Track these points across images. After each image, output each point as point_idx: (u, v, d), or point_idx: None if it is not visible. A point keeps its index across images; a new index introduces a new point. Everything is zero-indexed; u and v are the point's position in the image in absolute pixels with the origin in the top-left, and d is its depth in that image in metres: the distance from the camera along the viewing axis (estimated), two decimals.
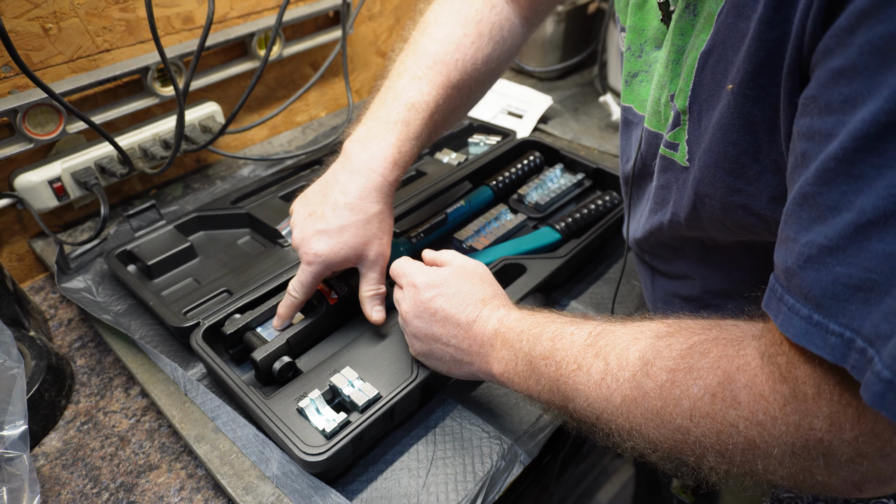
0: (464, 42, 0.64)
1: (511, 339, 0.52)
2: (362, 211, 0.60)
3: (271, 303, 0.69)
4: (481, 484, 0.58)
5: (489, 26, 0.65)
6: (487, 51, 0.65)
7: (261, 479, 0.58)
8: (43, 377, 0.67)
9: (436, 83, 0.63)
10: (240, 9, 0.98)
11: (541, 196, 0.89)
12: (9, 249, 0.88)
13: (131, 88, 0.91)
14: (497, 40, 0.66)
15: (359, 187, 0.60)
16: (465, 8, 0.65)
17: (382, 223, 0.62)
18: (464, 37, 0.64)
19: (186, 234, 0.85)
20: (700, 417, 0.38)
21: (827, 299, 0.31)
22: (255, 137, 1.12)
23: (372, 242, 0.62)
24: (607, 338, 0.46)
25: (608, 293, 0.78)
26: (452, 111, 0.66)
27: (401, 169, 0.62)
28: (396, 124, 0.62)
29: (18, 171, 0.84)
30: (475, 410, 0.64)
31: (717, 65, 0.43)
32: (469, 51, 0.64)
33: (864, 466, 0.33)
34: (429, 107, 0.62)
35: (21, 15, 0.77)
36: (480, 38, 0.64)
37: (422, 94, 0.62)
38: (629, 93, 0.58)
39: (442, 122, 0.66)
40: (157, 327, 0.75)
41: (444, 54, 0.63)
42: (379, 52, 1.25)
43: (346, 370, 0.61)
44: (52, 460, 0.64)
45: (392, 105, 0.63)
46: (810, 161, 0.32)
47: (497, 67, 0.68)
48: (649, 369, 0.41)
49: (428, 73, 0.63)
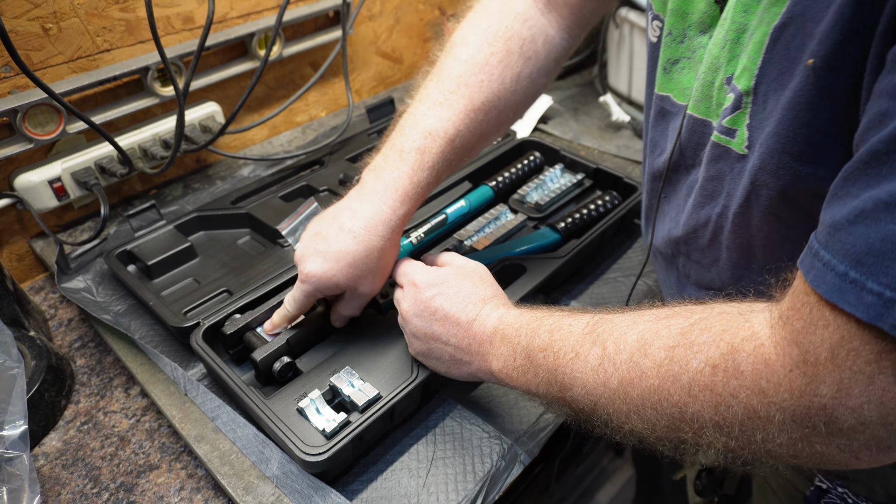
0: (490, 61, 0.60)
1: (510, 335, 0.52)
2: (364, 242, 0.58)
3: (271, 303, 0.69)
4: (481, 484, 0.58)
5: (520, 42, 0.61)
6: (517, 69, 0.61)
7: (261, 479, 0.58)
8: (43, 377, 0.67)
9: (457, 108, 0.59)
10: (240, 9, 0.98)
11: (541, 196, 0.89)
12: (9, 249, 0.88)
13: (131, 88, 0.91)
14: (529, 56, 0.61)
15: (366, 217, 0.58)
16: (494, 25, 0.61)
17: (382, 259, 0.60)
18: (490, 56, 0.60)
19: (186, 234, 0.85)
20: (699, 391, 0.38)
21: (871, 256, 0.31)
22: (255, 137, 1.12)
23: (365, 277, 0.60)
24: (605, 325, 0.46)
25: (608, 293, 0.78)
26: (480, 136, 0.62)
27: (412, 201, 0.59)
28: (411, 153, 0.59)
29: (18, 171, 0.83)
30: (475, 410, 0.64)
31: (792, 39, 0.40)
32: (496, 70, 0.60)
33: (865, 435, 0.33)
34: (447, 133, 0.59)
35: (21, 15, 0.77)
36: (509, 55, 0.60)
37: (440, 119, 0.59)
38: (667, 81, 0.55)
39: (467, 147, 0.61)
40: (157, 327, 0.75)
41: (467, 76, 0.60)
42: (379, 52, 1.25)
43: (346, 370, 0.61)
44: (52, 460, 0.64)
45: (409, 132, 0.60)
46: (889, 119, 0.31)
47: (531, 85, 0.63)
48: (647, 349, 0.41)
49: (450, 97, 0.59)
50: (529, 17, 0.61)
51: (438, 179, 0.61)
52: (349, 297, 0.63)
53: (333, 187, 0.92)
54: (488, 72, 0.60)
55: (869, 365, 0.31)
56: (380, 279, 0.61)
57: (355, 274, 0.59)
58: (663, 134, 0.57)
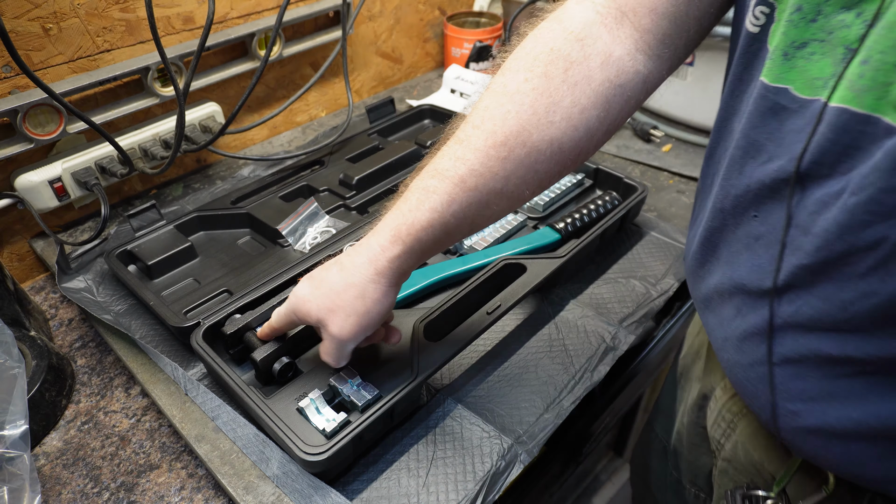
0: (522, 89, 0.50)
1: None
2: (345, 277, 0.54)
3: (271, 303, 0.69)
4: (481, 484, 0.58)
5: (564, 66, 0.49)
6: (556, 97, 0.49)
7: (261, 478, 0.58)
8: (43, 377, 0.67)
9: (475, 145, 0.51)
10: (240, 9, 0.98)
11: (541, 196, 0.89)
12: (9, 249, 0.88)
13: (131, 88, 0.91)
14: (576, 82, 0.49)
15: (360, 253, 0.54)
16: (538, 48, 0.51)
17: (358, 300, 0.53)
18: (523, 82, 0.50)
19: (187, 234, 0.85)
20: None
21: None
22: (255, 137, 1.12)
23: (336, 313, 0.54)
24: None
25: (608, 293, 0.78)
26: (506, 177, 0.51)
27: (404, 245, 0.52)
28: (416, 191, 0.52)
29: (19, 171, 0.84)
30: (475, 410, 0.64)
31: None
32: (527, 99, 0.50)
33: None
34: (458, 173, 0.51)
35: (21, 15, 0.77)
36: (548, 80, 0.49)
37: (455, 158, 0.51)
38: (787, 70, 0.43)
39: (486, 190, 0.51)
40: (157, 327, 0.75)
41: (494, 108, 0.51)
42: (379, 53, 1.25)
43: (346, 370, 0.61)
44: (53, 460, 0.64)
45: (424, 171, 0.53)
46: None
47: (580, 117, 0.50)
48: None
49: (472, 133, 0.51)
50: (587, 35, 0.50)
51: (445, 225, 0.52)
52: (324, 337, 0.57)
53: (333, 187, 0.92)
54: (518, 101, 0.50)
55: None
56: (354, 325, 0.54)
57: (326, 306, 0.54)
58: (775, 136, 0.44)
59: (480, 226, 0.54)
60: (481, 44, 1.27)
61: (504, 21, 1.30)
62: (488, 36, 1.27)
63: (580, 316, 0.74)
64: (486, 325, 0.66)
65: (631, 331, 0.72)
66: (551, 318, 0.74)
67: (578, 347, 0.70)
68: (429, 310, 0.67)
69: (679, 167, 1.01)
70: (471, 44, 1.27)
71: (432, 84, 1.33)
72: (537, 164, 0.51)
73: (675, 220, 0.89)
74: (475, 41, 1.26)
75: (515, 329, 0.73)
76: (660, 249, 0.84)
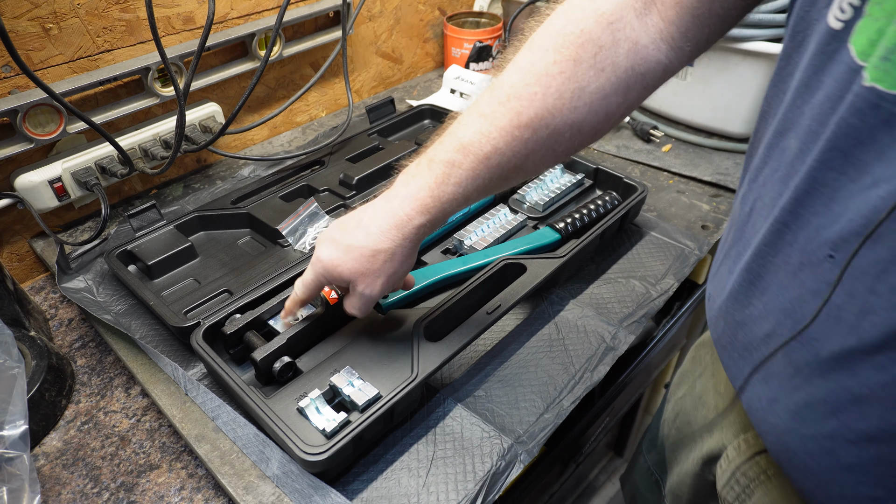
0: (550, 71, 0.50)
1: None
2: (374, 242, 0.57)
3: (271, 303, 0.69)
4: (481, 484, 0.58)
5: (594, 50, 0.49)
6: (583, 82, 0.50)
7: (261, 478, 0.58)
8: (43, 377, 0.67)
9: (500, 123, 0.52)
10: (240, 9, 0.98)
11: (541, 196, 0.89)
12: (9, 249, 0.88)
13: (131, 88, 0.91)
14: (603, 68, 0.49)
15: (384, 218, 0.57)
16: (569, 27, 0.50)
17: (387, 263, 0.57)
18: (552, 64, 0.50)
19: (187, 234, 0.85)
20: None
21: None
22: (255, 137, 1.12)
23: (367, 276, 0.58)
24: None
25: (608, 293, 0.78)
26: (526, 156, 0.53)
27: (430, 214, 0.55)
28: (440, 164, 0.54)
29: (19, 171, 0.84)
30: (475, 410, 0.64)
31: None
32: (554, 82, 0.50)
33: None
34: (482, 150, 0.52)
35: (21, 15, 0.77)
36: (576, 64, 0.49)
37: (479, 134, 0.52)
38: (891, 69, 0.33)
39: (509, 167, 0.53)
40: (157, 327, 0.75)
41: (520, 87, 0.51)
42: (379, 53, 1.25)
43: (346, 370, 0.61)
44: (53, 460, 0.64)
45: (446, 142, 0.55)
46: None
47: (601, 103, 0.51)
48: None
49: (497, 109, 0.52)
50: (617, 19, 0.49)
51: (468, 197, 0.55)
52: (352, 294, 0.62)
53: (333, 187, 0.92)
54: (545, 83, 0.50)
55: None
56: (383, 284, 0.59)
57: (357, 270, 0.58)
58: (886, 154, 0.34)
59: (495, 192, 0.59)
60: (481, 44, 1.27)
61: (504, 21, 1.30)
62: (488, 36, 1.27)
63: (580, 316, 0.74)
64: (486, 325, 0.66)
65: (631, 331, 0.72)
66: (551, 318, 0.74)
67: (578, 347, 0.70)
68: (429, 310, 0.67)
69: (679, 167, 1.01)
70: (471, 44, 1.27)
71: (432, 84, 1.33)
72: (556, 145, 0.53)
73: (675, 220, 0.89)
74: (475, 41, 1.26)
75: (515, 329, 0.73)
76: (660, 249, 0.84)
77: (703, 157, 1.04)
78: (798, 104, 0.40)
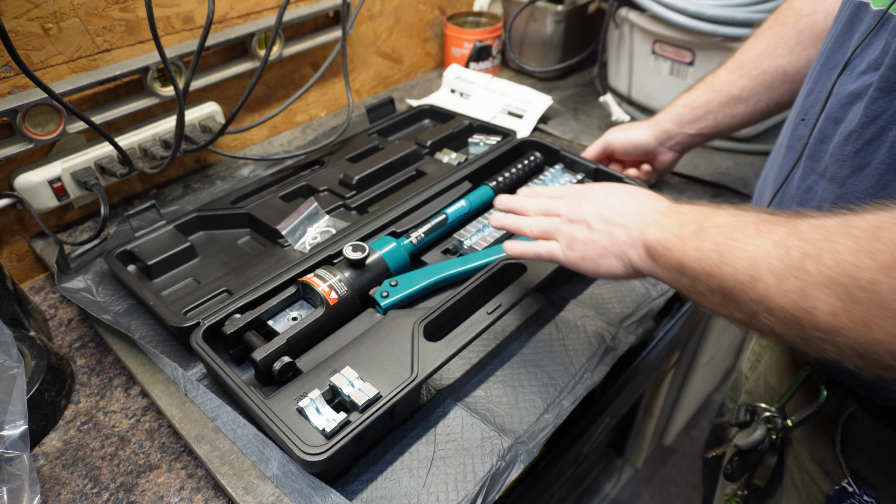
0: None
1: (684, 211, 0.51)
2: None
3: (271, 303, 0.69)
4: (481, 484, 0.58)
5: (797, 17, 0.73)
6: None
7: (261, 479, 0.58)
8: (43, 377, 0.67)
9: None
10: (240, 9, 0.98)
11: None
12: (9, 249, 0.88)
13: (131, 88, 0.91)
14: (801, 29, 0.73)
15: None
16: None
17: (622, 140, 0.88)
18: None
19: (186, 234, 0.85)
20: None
21: None
22: (255, 137, 1.12)
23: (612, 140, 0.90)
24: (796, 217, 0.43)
25: (608, 293, 0.78)
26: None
27: (665, 112, 0.85)
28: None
29: (18, 171, 0.84)
30: (475, 410, 0.64)
31: None
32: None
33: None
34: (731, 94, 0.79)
35: (21, 15, 0.77)
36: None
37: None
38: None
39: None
40: (157, 327, 0.75)
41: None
42: (379, 52, 1.25)
43: (346, 370, 0.61)
44: (52, 460, 0.64)
45: (705, 86, 0.82)
46: None
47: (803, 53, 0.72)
48: (847, 229, 0.37)
49: None
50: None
51: (694, 109, 0.83)
52: None
53: (333, 187, 0.92)
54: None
55: None
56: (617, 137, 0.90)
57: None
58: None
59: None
60: (481, 44, 1.27)
61: (504, 21, 1.30)
62: (488, 36, 1.27)
63: (580, 316, 0.74)
64: (486, 325, 0.66)
65: (631, 331, 0.72)
66: (551, 318, 0.74)
67: (578, 347, 0.70)
68: (429, 310, 0.67)
69: (679, 167, 1.01)
70: (471, 44, 1.26)
71: (432, 84, 1.33)
72: None
73: None
74: (475, 41, 1.26)
75: (515, 329, 0.73)
76: None
77: (704, 157, 1.04)
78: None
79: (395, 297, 0.72)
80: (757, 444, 0.66)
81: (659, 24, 1.03)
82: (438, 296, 0.76)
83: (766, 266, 0.40)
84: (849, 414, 0.59)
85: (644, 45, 1.10)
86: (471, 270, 0.76)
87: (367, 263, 0.73)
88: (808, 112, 0.59)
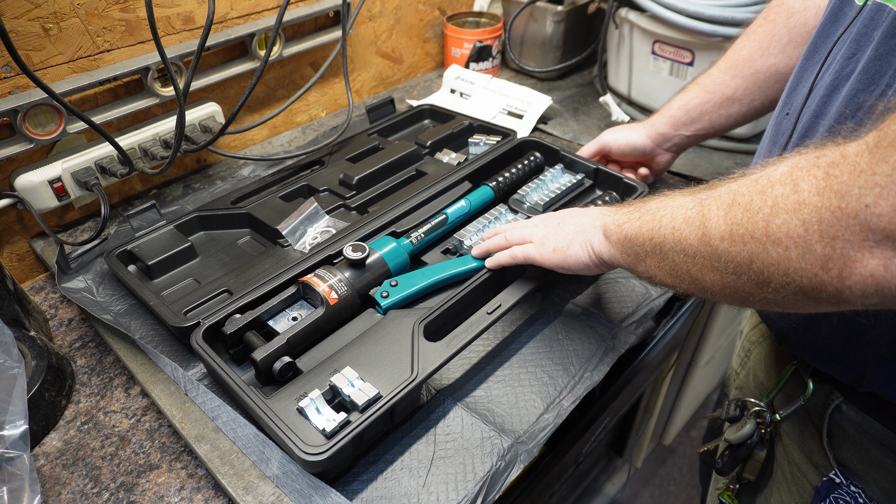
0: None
1: (630, 205, 0.59)
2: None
3: (271, 303, 0.69)
4: (481, 484, 0.58)
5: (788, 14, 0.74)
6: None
7: (261, 478, 0.58)
8: (43, 377, 0.67)
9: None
10: (240, 9, 0.98)
11: (541, 196, 0.89)
12: (9, 249, 0.88)
13: (131, 88, 0.91)
14: (793, 26, 0.74)
15: None
16: None
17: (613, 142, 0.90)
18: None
19: (187, 234, 0.85)
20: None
21: None
22: (255, 137, 1.12)
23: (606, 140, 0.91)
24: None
25: (608, 293, 0.78)
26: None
27: (660, 114, 0.86)
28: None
29: (19, 171, 0.84)
30: (475, 410, 0.64)
31: None
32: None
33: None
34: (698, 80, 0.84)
35: (21, 15, 0.77)
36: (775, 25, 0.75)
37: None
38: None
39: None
40: (157, 327, 0.75)
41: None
42: (379, 53, 1.25)
43: (347, 370, 0.61)
44: (53, 460, 0.64)
45: (699, 87, 0.83)
46: None
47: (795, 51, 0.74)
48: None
49: None
50: None
51: (689, 111, 0.83)
52: None
53: (333, 187, 0.92)
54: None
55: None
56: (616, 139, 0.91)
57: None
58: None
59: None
60: (481, 44, 1.27)
61: (504, 21, 1.30)
62: (488, 36, 1.27)
63: (580, 316, 0.74)
64: (486, 326, 0.66)
65: (631, 331, 0.72)
66: (551, 318, 0.74)
67: (578, 347, 0.70)
68: (429, 310, 0.67)
69: (679, 167, 1.01)
70: (471, 44, 1.27)
71: (432, 84, 1.33)
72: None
73: None
74: (475, 41, 1.26)
75: (515, 329, 0.73)
76: None
77: (703, 157, 1.04)
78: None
79: (396, 297, 0.72)
80: (746, 439, 0.68)
81: (659, 25, 1.03)
82: (438, 296, 0.76)
83: (682, 214, 0.48)
84: (835, 406, 0.60)
85: (644, 46, 1.10)
86: (471, 270, 0.76)
87: (367, 263, 0.73)
88: (791, 106, 0.60)
